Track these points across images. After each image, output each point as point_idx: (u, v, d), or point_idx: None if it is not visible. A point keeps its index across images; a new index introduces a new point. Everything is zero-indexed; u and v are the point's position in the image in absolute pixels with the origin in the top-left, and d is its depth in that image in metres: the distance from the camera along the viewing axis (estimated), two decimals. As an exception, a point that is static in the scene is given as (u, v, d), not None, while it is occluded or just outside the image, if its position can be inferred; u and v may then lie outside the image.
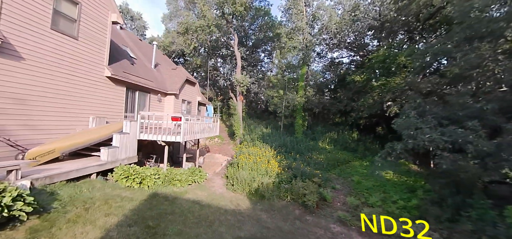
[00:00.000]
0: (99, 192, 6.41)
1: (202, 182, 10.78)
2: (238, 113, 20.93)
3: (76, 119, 8.29)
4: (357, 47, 25.10)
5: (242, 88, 20.16)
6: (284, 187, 9.69)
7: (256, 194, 9.59)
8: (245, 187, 9.97)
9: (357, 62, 26.47)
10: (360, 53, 25.34)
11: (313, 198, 8.77)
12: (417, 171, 14.77)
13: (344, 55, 29.64)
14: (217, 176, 12.94)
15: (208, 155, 17.76)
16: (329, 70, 29.05)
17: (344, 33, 22.57)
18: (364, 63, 21.57)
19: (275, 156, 13.63)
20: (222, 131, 25.07)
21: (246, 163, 11.73)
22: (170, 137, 8.82)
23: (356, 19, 20.80)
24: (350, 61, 28.77)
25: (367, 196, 10.29)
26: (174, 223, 5.89)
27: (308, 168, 11.61)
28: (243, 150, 14.76)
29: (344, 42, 24.35)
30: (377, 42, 23.27)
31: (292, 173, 11.02)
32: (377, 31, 19.77)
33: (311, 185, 9.69)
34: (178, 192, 8.61)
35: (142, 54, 15.50)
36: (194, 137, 10.18)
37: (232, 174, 11.18)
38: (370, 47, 25.73)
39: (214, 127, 13.49)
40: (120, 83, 10.49)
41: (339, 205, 9.75)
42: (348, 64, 28.70)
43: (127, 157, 8.32)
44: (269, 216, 8.15)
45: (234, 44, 22.09)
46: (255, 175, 10.42)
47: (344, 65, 29.04)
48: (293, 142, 17.22)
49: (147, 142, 10.52)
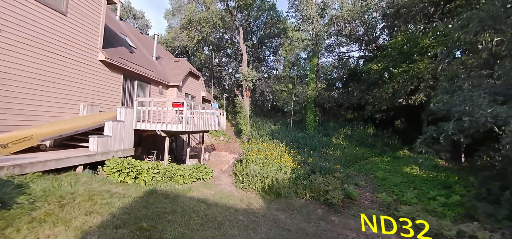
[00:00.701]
0: (84, 187, 5.27)
1: (208, 179, 9.60)
2: (244, 110, 19.77)
3: (63, 105, 7.23)
4: (368, 40, 23.74)
5: (249, 83, 19.02)
6: (302, 183, 8.40)
7: (270, 191, 8.34)
8: (256, 184, 8.73)
9: (366, 57, 25.12)
10: (371, 45, 23.97)
11: (338, 195, 7.46)
12: (445, 166, 13.26)
13: (354, 49, 28.33)
14: (224, 174, 11.74)
15: (213, 153, 16.59)
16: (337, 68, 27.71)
17: (355, 23, 21.27)
18: (376, 56, 20.25)
19: (287, 151, 12.35)
20: (228, 129, 23.93)
21: (256, 158, 10.49)
22: (170, 125, 7.67)
23: (368, 7, 19.54)
24: (359, 57, 27.42)
25: (398, 192, 8.92)
26: (175, 225, 4.71)
27: (327, 163, 10.28)
28: (252, 146, 13.53)
29: (355, 35, 23.00)
30: (389, 35, 21.87)
31: (309, 168, 9.73)
32: (392, 19, 18.42)
33: (334, 181, 8.38)
34: (180, 190, 7.44)
35: (142, 46, 14.55)
36: (199, 128, 9.02)
37: (242, 171, 9.97)
38: (381, 40, 24.39)
39: (220, 120, 12.33)
40: (116, 69, 9.45)
41: (366, 203, 8.41)
42: (358, 58, 27.34)
43: (121, 148, 7.20)
44: (288, 216, 6.88)
45: (239, 37, 21.07)
46: (268, 170, 9.17)
47: (354, 59, 27.72)
48: (305, 138, 15.92)
49: (147, 134, 9.42)
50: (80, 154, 5.95)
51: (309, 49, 18.73)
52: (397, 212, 7.03)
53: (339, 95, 21.83)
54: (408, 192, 8.34)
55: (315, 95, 18.45)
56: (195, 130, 8.66)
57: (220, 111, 12.34)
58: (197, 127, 8.88)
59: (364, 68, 17.19)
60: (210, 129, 10.77)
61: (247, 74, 18.85)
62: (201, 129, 9.28)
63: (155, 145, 11.13)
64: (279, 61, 36.50)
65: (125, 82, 10.15)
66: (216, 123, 11.50)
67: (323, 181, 8.29)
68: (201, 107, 9.56)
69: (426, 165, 13.18)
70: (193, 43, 19.46)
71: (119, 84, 9.69)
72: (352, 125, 19.83)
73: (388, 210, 7.48)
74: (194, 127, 8.58)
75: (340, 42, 26.85)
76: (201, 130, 9.35)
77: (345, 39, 24.65)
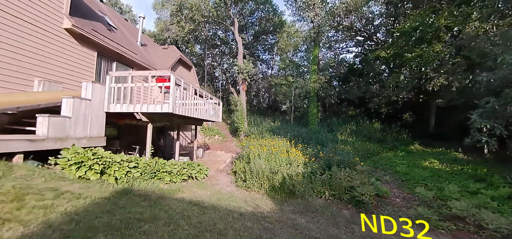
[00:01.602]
0: (15, 182, 3.49)
1: (202, 178, 7.89)
2: (241, 106, 18.15)
3: (10, 78, 5.41)
4: (367, 35, 22.78)
5: (245, 76, 17.46)
6: (320, 179, 6.82)
7: (280, 190, 6.72)
8: (263, 181, 7.10)
9: (366, 52, 24.15)
10: (372, 39, 23.02)
11: (369, 191, 5.93)
12: (465, 159, 12.04)
13: (351, 45, 27.39)
14: (221, 173, 10.03)
15: (208, 153, 14.81)
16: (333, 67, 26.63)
17: (355, 15, 20.21)
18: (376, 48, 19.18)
19: (292, 146, 10.78)
20: (223, 128, 22.18)
21: (261, 153, 8.87)
22: (153, 106, 5.95)
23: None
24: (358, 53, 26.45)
25: (432, 187, 7.49)
26: (153, 237, 3.02)
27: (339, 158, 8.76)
28: (252, 142, 11.91)
29: (354, 28, 21.92)
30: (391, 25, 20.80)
31: (323, 162, 8.18)
32: (394, 5, 17.34)
33: (358, 175, 6.86)
34: (166, 190, 5.72)
35: (126, 31, 12.78)
36: (190, 114, 7.32)
37: (243, 168, 8.34)
38: (380, 34, 23.53)
39: (216, 111, 10.66)
40: (88, 44, 7.68)
41: (398, 201, 6.91)
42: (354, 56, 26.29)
43: (86, 136, 5.42)
44: (309, 220, 5.27)
45: (234, 29, 19.58)
46: (276, 165, 7.56)
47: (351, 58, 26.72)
48: (309, 133, 14.45)
49: (126, 123, 7.63)
50: (20, 138, 4.15)
51: (310, 38, 17.44)
52: (448, 210, 5.54)
53: (341, 90, 20.52)
54: (449, 186, 6.90)
55: (318, 88, 17.08)
56: (186, 115, 6.96)
57: (216, 101, 10.67)
58: (188, 112, 7.18)
59: (371, 56, 16.01)
60: (205, 118, 9.07)
61: (243, 66, 17.31)
62: (193, 115, 7.58)
63: (138, 139, 9.32)
64: (274, 60, 35.28)
65: (100, 61, 8.36)
66: (211, 113, 9.81)
67: (346, 175, 6.73)
68: (193, 91, 7.88)
69: (447, 158, 12.03)
70: (184, 32, 17.77)
71: (91, 63, 7.89)
72: (356, 120, 18.55)
73: (431, 207, 5.99)
74: (184, 111, 6.88)
75: (337, 39, 25.92)
76: (193, 116, 7.66)
77: (344, 34, 23.61)
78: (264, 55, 33.10)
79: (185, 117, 8.69)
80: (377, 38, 23.08)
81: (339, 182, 6.72)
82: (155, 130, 11.90)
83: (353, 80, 21.67)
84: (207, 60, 31.73)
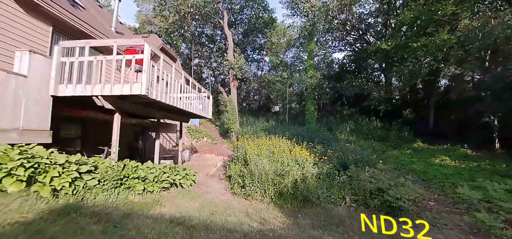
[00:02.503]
0: None
1: (189, 186, 6.32)
2: (232, 104, 16.63)
3: None
4: (362, 31, 22.25)
5: (237, 71, 16.00)
6: (338, 181, 5.48)
7: (291, 196, 5.29)
8: (267, 187, 5.63)
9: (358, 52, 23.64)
10: (364, 37, 22.52)
11: (406, 194, 4.66)
12: (475, 155, 11.30)
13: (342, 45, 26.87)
14: (212, 178, 8.44)
15: (196, 156, 13.13)
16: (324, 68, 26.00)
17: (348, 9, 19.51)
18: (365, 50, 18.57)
19: (295, 145, 9.43)
20: (212, 130, 20.49)
21: (260, 153, 7.41)
22: (119, 87, 4.34)
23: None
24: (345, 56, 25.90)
25: (467, 186, 6.38)
26: None
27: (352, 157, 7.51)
28: (248, 142, 10.45)
29: (348, 24, 21.25)
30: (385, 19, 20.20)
31: (336, 161, 6.87)
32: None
33: (384, 175, 5.59)
34: (138, 204, 4.13)
35: (98, 15, 10.92)
36: (171, 103, 5.74)
37: (239, 171, 6.85)
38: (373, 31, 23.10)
39: (206, 106, 9.10)
40: (39, 15, 5.91)
41: (432, 204, 5.71)
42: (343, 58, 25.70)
43: (17, 128, 3.72)
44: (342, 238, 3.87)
45: (223, 23, 18.16)
46: (282, 167, 6.14)
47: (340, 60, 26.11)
48: (309, 132, 13.21)
49: (89, 117, 5.91)
50: None
51: (306, 30, 16.39)
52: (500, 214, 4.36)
53: (337, 88, 19.53)
54: (493, 185, 5.79)
55: (315, 84, 15.98)
56: (166, 103, 5.38)
57: (205, 93, 9.11)
58: (170, 100, 5.60)
59: (371, 49, 15.16)
60: (192, 111, 7.48)
61: (234, 62, 15.87)
62: (176, 105, 6.00)
63: (109, 139, 7.51)
64: (264, 61, 34.15)
65: (58, 40, 6.57)
66: (199, 108, 8.23)
67: (368, 175, 5.44)
68: (174, 75, 6.33)
69: (456, 155, 11.23)
70: (168, 24, 16.02)
71: (44, 40, 6.09)
72: (353, 119, 17.63)
73: (477, 210, 4.80)
74: (165, 99, 5.30)
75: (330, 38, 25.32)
76: (177, 106, 6.09)
77: (337, 31, 22.94)
78: (254, 55, 31.91)
79: (167, 110, 7.08)
80: (371, 34, 22.56)
81: (361, 184, 5.41)
82: (131, 129, 10.10)
83: (347, 78, 20.90)
84: (194, 60, 30.00)
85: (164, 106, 6.06)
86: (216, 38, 28.68)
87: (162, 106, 6.27)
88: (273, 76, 19.67)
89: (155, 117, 7.10)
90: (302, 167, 5.95)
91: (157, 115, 6.78)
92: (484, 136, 11.71)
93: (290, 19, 19.16)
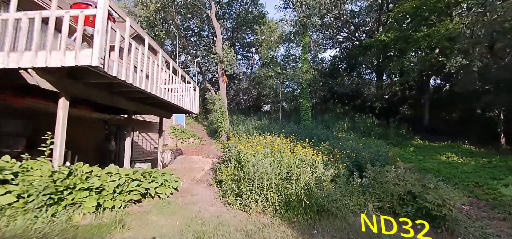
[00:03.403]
0: None
1: (168, 195, 4.98)
2: (222, 101, 15.29)
3: None
4: (355, 26, 21.76)
5: (226, 65, 14.69)
6: (359, 183, 4.40)
7: (303, 207, 4.10)
8: (270, 194, 4.42)
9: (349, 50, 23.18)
10: (356, 33, 22.08)
11: (449, 199, 3.65)
12: (479, 151, 10.80)
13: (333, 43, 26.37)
14: (198, 184, 7.10)
15: (181, 158, 11.66)
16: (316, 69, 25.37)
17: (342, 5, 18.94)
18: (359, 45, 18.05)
19: (294, 143, 8.29)
20: (199, 131, 18.98)
21: (256, 153, 6.17)
22: (58, 55, 2.94)
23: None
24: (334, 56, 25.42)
25: (493, 185, 5.56)
26: None
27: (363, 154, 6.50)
28: (241, 140, 9.21)
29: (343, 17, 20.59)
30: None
31: (349, 160, 5.80)
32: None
33: (410, 175, 4.58)
34: (85, 228, 2.75)
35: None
36: (144, 87, 4.39)
37: (231, 175, 5.63)
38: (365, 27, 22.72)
39: (191, 98, 7.73)
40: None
41: (467, 209, 4.76)
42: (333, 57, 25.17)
43: None
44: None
45: (211, 14, 16.81)
46: (288, 168, 4.97)
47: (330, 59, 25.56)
48: (306, 130, 12.19)
49: (33, 107, 4.41)
50: None
51: (300, 22, 15.40)
52: None
53: (332, 84, 18.72)
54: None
55: (310, 78, 15.01)
56: (136, 85, 4.02)
57: (191, 83, 7.74)
58: (140, 83, 4.24)
59: (367, 42, 14.47)
60: (173, 102, 6.11)
61: (223, 55, 14.56)
62: (150, 90, 4.64)
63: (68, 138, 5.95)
64: (253, 59, 33.03)
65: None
66: (180, 98, 6.86)
67: (397, 175, 4.40)
68: (152, 62, 4.98)
69: (462, 152, 10.67)
70: (149, 11, 14.37)
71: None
72: (349, 117, 16.91)
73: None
74: (132, 78, 3.95)
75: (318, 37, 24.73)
76: (151, 93, 4.72)
77: (330, 27, 22.32)
78: (243, 52, 30.72)
79: (140, 100, 5.67)
80: (363, 30, 22.11)
81: (386, 187, 4.35)
82: (101, 127, 8.50)
83: (340, 76, 20.25)
84: (180, 57, 28.29)
85: (134, 92, 4.68)
86: (203, 33, 27.16)
87: (131, 93, 4.88)
88: (265, 72, 18.50)
89: (125, 109, 5.67)
90: (313, 169, 4.78)
91: (127, 106, 5.36)
92: (485, 132, 11.29)
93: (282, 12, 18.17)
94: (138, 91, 4.56)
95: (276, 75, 16.40)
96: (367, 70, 22.08)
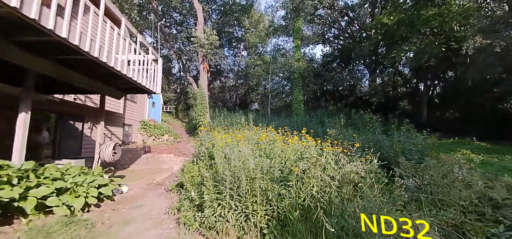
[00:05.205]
0: None
1: (89, 206, 2.90)
2: (202, 91, 13.25)
3: None
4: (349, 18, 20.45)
5: (207, 50, 12.68)
6: (406, 186, 2.59)
7: (315, 230, 2.19)
8: (255, 206, 2.49)
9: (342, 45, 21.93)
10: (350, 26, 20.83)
11: None
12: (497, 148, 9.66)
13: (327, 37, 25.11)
14: (154, 189, 5.08)
15: (148, 157, 9.47)
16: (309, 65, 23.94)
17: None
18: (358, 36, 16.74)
19: (286, 135, 6.43)
20: (177, 128, 16.75)
21: (238, 142, 4.23)
22: None
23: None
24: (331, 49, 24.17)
25: None
26: None
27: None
28: (218, 131, 7.29)
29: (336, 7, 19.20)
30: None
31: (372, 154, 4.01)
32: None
33: (474, 172, 2.85)
34: None
35: None
36: (72, 41, 2.31)
37: (197, 176, 3.68)
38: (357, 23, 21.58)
39: (151, 73, 5.64)
40: None
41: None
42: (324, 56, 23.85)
43: None
44: None
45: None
46: (279, 164, 3.03)
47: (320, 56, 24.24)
48: (300, 123, 10.44)
49: None
50: None
51: (293, 3, 13.68)
52: None
53: (327, 77, 17.18)
54: None
55: (303, 68, 13.29)
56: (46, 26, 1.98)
57: (152, 55, 5.66)
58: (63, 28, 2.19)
59: (368, 26, 13.05)
60: (117, 68, 4.04)
61: (204, 38, 12.54)
62: (84, 48, 2.60)
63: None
64: (241, 55, 31.03)
65: None
66: (132, 68, 4.80)
67: (466, 174, 2.65)
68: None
69: (478, 148, 9.44)
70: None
71: None
72: (344, 113, 15.43)
73: None
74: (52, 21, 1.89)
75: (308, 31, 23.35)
76: (86, 51, 2.67)
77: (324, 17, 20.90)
78: (230, 48, 28.71)
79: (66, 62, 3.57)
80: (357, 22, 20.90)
81: (452, 193, 2.60)
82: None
83: (333, 71, 18.85)
84: (162, 50, 25.87)
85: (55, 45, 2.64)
86: (188, 22, 24.83)
87: (50, 46, 2.82)
88: (254, 60, 16.65)
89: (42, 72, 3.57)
90: (324, 164, 2.87)
91: (30, 64, 3.24)
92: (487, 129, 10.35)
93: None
94: (57, 39, 2.51)
95: (264, 64, 14.56)
96: (360, 67, 20.91)
